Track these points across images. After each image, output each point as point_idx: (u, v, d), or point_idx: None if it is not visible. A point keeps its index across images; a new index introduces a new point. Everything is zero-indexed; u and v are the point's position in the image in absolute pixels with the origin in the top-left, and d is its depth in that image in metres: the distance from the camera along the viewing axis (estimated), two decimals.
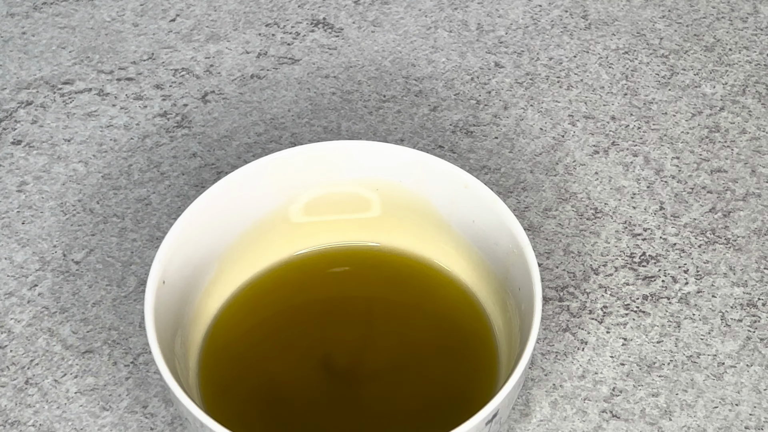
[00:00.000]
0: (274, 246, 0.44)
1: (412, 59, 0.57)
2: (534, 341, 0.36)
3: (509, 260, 0.40)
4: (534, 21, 0.59)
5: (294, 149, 0.42)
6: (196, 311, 0.41)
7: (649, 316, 0.45)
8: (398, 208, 0.43)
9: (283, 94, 0.55)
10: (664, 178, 0.51)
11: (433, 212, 0.43)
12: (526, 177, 0.51)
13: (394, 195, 0.43)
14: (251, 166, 0.41)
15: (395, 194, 0.43)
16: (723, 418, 0.42)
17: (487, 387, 0.40)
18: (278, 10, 0.60)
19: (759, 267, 0.47)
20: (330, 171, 0.43)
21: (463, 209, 0.42)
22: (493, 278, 0.41)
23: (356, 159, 0.42)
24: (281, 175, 0.42)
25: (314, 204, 0.44)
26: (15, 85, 0.56)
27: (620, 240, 0.48)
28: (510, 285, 0.40)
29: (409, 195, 0.43)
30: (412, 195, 0.43)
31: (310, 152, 0.42)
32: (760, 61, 0.56)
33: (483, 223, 0.41)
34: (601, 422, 0.42)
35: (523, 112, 0.54)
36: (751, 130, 0.53)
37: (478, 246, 0.42)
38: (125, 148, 0.52)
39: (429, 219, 0.43)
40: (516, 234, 0.39)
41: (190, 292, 0.40)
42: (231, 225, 0.42)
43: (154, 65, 0.56)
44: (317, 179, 0.43)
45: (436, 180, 0.42)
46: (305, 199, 0.43)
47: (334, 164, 0.43)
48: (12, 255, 0.48)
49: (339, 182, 0.43)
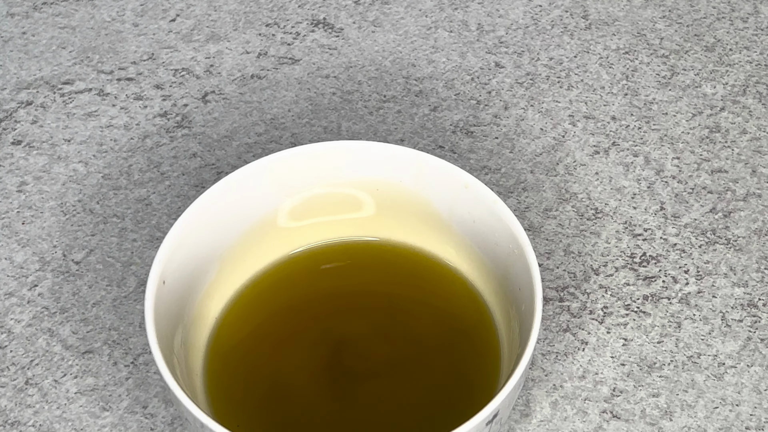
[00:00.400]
0: (275, 245, 0.44)
1: (413, 59, 0.57)
2: (534, 342, 0.36)
3: (509, 260, 0.39)
4: (534, 21, 0.59)
5: (294, 149, 0.42)
6: (197, 311, 0.41)
7: (649, 317, 0.45)
8: (398, 208, 0.43)
9: (283, 94, 0.55)
10: (664, 178, 0.51)
11: (433, 212, 0.43)
12: (527, 177, 0.51)
13: (394, 195, 0.43)
14: (251, 167, 0.41)
15: (395, 194, 0.43)
16: (723, 419, 0.42)
17: (489, 386, 0.40)
18: (278, 10, 0.60)
19: (759, 267, 0.47)
20: (330, 171, 0.43)
21: (463, 209, 0.41)
22: (494, 278, 0.41)
23: (356, 159, 0.42)
24: (281, 175, 0.42)
25: (314, 203, 0.44)
26: (15, 85, 0.55)
27: (621, 240, 0.48)
28: (510, 285, 0.40)
29: (409, 195, 0.43)
30: (412, 195, 0.43)
31: (310, 152, 0.42)
32: (760, 61, 0.56)
33: (483, 223, 0.41)
34: (602, 423, 0.42)
35: (524, 113, 0.54)
36: (752, 131, 0.53)
37: (478, 246, 0.42)
38: (125, 149, 0.52)
39: (429, 219, 0.43)
40: (516, 234, 0.39)
41: (191, 292, 0.40)
42: (231, 225, 0.42)
43: (155, 65, 0.56)
44: (317, 179, 0.43)
45: (437, 180, 0.42)
46: (305, 198, 0.43)
47: (334, 164, 0.43)
48: (12, 255, 0.48)
49: (338, 182, 0.43)
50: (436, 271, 0.44)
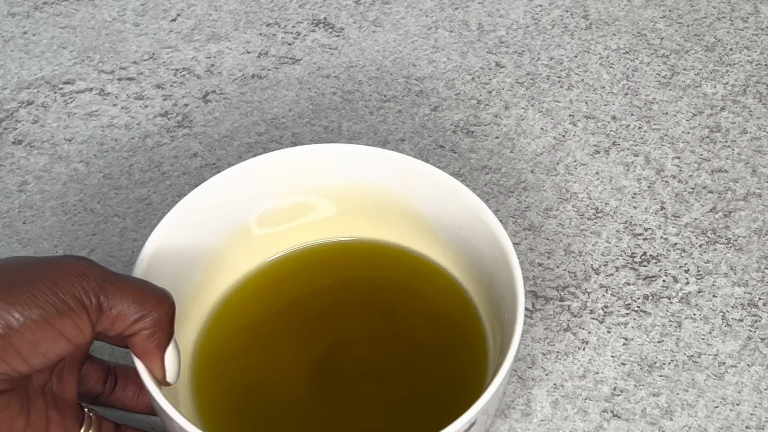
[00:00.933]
0: (261, 248, 0.44)
1: (413, 59, 0.57)
2: (515, 351, 0.35)
3: (495, 268, 0.39)
4: (535, 21, 0.59)
5: (278, 152, 0.42)
6: (184, 313, 0.41)
7: (649, 316, 0.45)
8: (386, 213, 0.43)
9: (283, 94, 0.55)
10: (664, 178, 0.51)
11: (420, 218, 0.43)
12: (527, 177, 0.51)
13: (382, 198, 0.43)
14: (236, 169, 0.41)
15: (383, 198, 0.43)
16: (724, 418, 0.42)
17: (476, 387, 0.39)
18: (279, 10, 0.60)
19: (760, 267, 0.47)
20: (319, 173, 0.42)
21: (450, 216, 0.41)
22: (480, 284, 0.41)
23: (346, 162, 0.42)
24: (265, 178, 0.42)
25: (300, 206, 0.43)
26: (16, 84, 0.56)
27: (621, 240, 0.48)
28: (495, 293, 0.40)
29: (397, 198, 0.43)
30: (399, 199, 0.43)
31: (299, 154, 0.42)
32: (760, 61, 0.56)
33: (470, 229, 0.41)
34: (602, 422, 0.42)
35: (524, 112, 0.54)
36: (752, 130, 0.53)
37: (464, 252, 0.42)
38: (126, 148, 0.52)
39: (416, 224, 0.43)
40: (501, 242, 0.39)
41: (175, 293, 0.40)
42: (213, 228, 0.42)
43: (155, 65, 0.56)
44: (304, 182, 0.43)
45: (424, 185, 0.42)
46: (291, 201, 0.43)
47: (323, 167, 0.42)
48: (13, 255, 0.48)
49: (327, 185, 0.43)
50: (425, 271, 0.44)
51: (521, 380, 0.43)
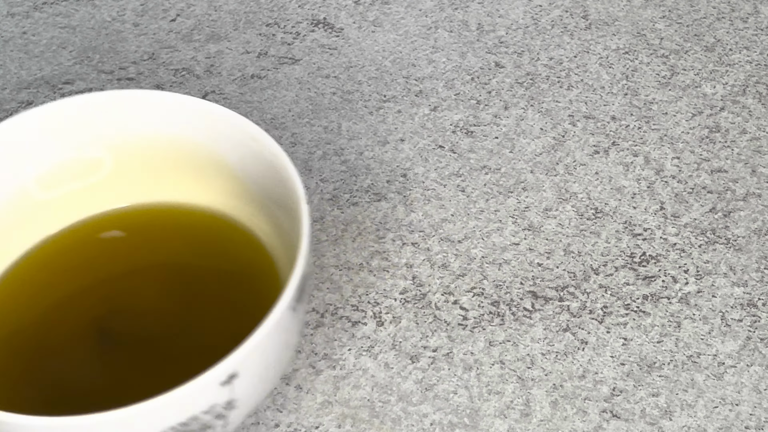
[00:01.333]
0: (42, 217, 0.42)
1: (413, 59, 0.57)
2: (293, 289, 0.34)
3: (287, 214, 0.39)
4: (534, 21, 0.59)
5: (65, 100, 0.39)
6: None
7: (649, 316, 0.45)
8: (183, 164, 0.42)
9: (283, 94, 0.55)
10: (664, 178, 0.51)
11: (222, 163, 0.42)
12: (527, 177, 0.51)
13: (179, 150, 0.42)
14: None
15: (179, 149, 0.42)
16: (723, 418, 0.42)
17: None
18: (278, 10, 0.60)
19: (759, 267, 0.47)
20: (117, 122, 0.41)
21: (252, 161, 0.40)
22: (277, 234, 0.40)
23: (145, 111, 0.40)
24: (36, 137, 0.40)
25: (92, 163, 0.42)
26: (15, 84, 0.56)
27: (620, 240, 0.48)
28: (289, 239, 0.39)
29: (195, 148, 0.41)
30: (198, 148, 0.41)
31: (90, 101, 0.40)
32: (760, 61, 0.56)
33: (270, 178, 0.40)
34: (602, 422, 0.42)
35: (524, 112, 0.54)
36: (752, 130, 0.53)
37: (268, 198, 0.41)
38: None
39: (218, 171, 0.42)
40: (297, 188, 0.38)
41: None
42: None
43: (155, 65, 0.56)
44: (99, 132, 0.41)
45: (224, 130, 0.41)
46: (84, 157, 0.41)
47: (121, 116, 0.40)
48: None
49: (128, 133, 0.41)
50: (219, 227, 0.42)
51: (520, 380, 0.43)
